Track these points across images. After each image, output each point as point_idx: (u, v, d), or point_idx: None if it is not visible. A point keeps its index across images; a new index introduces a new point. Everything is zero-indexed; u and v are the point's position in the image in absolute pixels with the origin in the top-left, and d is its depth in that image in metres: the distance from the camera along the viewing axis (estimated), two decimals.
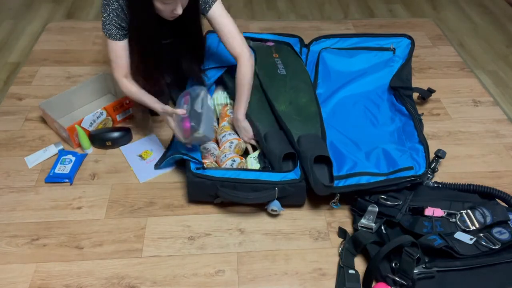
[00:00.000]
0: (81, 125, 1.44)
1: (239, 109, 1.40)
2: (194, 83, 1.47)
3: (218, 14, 1.32)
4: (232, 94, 1.49)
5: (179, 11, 1.18)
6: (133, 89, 1.33)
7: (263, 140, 1.35)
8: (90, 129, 1.48)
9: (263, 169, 1.33)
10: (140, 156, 1.46)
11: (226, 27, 1.33)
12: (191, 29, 1.34)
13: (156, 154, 1.46)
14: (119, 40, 1.27)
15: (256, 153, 1.38)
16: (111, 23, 1.23)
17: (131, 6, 1.21)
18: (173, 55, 1.43)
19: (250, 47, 1.56)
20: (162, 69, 1.42)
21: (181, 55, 1.43)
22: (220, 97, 1.53)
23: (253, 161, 1.36)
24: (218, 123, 1.51)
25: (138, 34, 1.27)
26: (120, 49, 1.28)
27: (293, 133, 1.34)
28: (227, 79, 1.53)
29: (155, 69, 1.38)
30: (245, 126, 1.40)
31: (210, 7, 1.30)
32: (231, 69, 1.51)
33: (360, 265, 1.17)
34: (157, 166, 1.40)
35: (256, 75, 1.49)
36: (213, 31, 1.38)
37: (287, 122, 1.37)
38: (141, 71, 1.35)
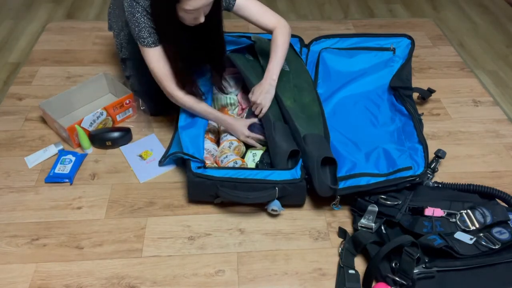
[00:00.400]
0: (81, 125, 1.44)
1: (273, 68, 1.35)
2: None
3: (243, 1, 1.33)
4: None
5: (202, 19, 1.17)
6: (189, 99, 1.33)
7: (272, 130, 1.33)
8: (90, 129, 1.48)
9: (257, 167, 1.33)
10: (140, 156, 1.46)
11: (254, 7, 1.35)
12: (213, 36, 1.31)
13: (156, 154, 1.46)
14: (157, 45, 1.24)
15: (260, 151, 1.38)
16: (145, 29, 1.20)
17: (155, 12, 1.18)
18: (196, 59, 1.42)
19: (253, 40, 1.56)
20: (189, 74, 1.38)
21: (203, 62, 1.44)
22: (220, 97, 1.53)
23: (251, 157, 1.36)
24: None
25: (165, 38, 1.24)
26: (161, 55, 1.25)
27: (299, 131, 1.33)
28: (235, 57, 1.49)
29: (186, 72, 1.34)
30: (272, 92, 1.37)
31: (234, 1, 1.31)
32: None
33: (360, 265, 1.17)
34: (161, 163, 1.40)
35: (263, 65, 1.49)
36: None
37: (295, 119, 1.36)
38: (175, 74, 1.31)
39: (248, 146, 1.42)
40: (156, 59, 1.26)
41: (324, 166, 1.27)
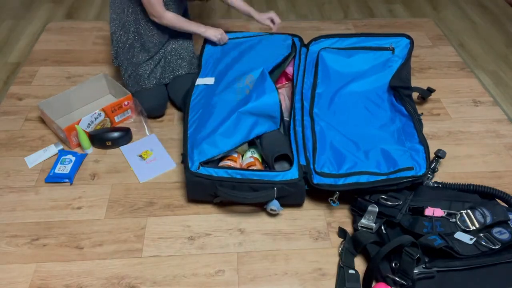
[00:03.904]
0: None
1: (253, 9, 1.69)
2: None
3: None
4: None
5: None
6: (179, 19, 1.51)
7: (256, 138, 1.35)
8: (88, 130, 1.48)
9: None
10: (140, 156, 1.46)
11: None
12: None
13: (156, 154, 1.46)
14: None
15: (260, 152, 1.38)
16: None
17: None
18: None
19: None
20: None
21: None
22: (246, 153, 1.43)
23: (249, 154, 1.36)
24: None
25: None
26: None
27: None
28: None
29: None
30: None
31: None
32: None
33: (360, 265, 1.17)
34: (199, 167, 1.27)
35: None
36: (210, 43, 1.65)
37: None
38: None
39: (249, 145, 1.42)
40: None
41: (282, 161, 1.34)
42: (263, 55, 1.59)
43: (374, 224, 1.19)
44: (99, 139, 1.47)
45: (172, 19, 1.50)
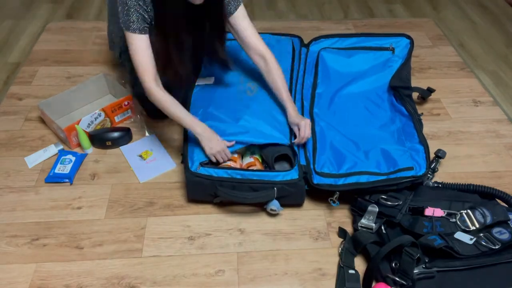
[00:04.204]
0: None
1: (293, 105, 1.35)
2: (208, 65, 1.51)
3: (244, 14, 1.31)
4: None
5: None
6: (168, 99, 1.23)
7: None
8: (88, 130, 1.48)
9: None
10: (140, 156, 1.46)
11: (249, 24, 1.33)
12: (216, 13, 1.27)
13: (156, 154, 1.46)
14: (144, 33, 1.19)
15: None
16: (135, 14, 1.15)
17: None
18: (195, 43, 1.40)
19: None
20: (184, 60, 1.33)
21: (204, 40, 1.40)
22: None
23: (248, 153, 1.36)
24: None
25: (164, 23, 1.19)
26: (145, 45, 1.19)
27: None
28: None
29: (178, 61, 1.28)
30: (306, 121, 1.33)
31: (236, 8, 1.29)
32: None
33: (360, 265, 1.17)
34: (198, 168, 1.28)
35: None
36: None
37: None
38: (161, 63, 1.26)
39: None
40: (140, 49, 1.20)
41: (282, 161, 1.33)
42: None
43: (374, 224, 1.19)
44: (99, 139, 1.47)
45: (161, 100, 1.23)
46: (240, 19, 1.31)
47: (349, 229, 1.26)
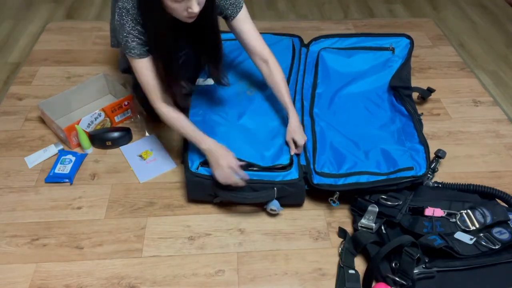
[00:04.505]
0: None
1: (294, 112, 1.33)
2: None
3: (245, 17, 1.29)
4: None
5: (195, 8, 1.04)
6: (173, 116, 1.24)
7: None
8: (88, 130, 1.48)
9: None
10: (140, 156, 1.46)
11: (252, 27, 1.31)
12: (210, 34, 1.25)
13: (156, 154, 1.46)
14: (144, 57, 1.19)
15: None
16: (132, 40, 1.15)
17: (143, 13, 1.12)
18: (191, 62, 1.38)
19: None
20: (180, 78, 1.33)
21: (200, 60, 1.39)
22: None
23: None
24: None
25: (156, 44, 1.18)
26: (147, 67, 1.20)
27: None
28: None
29: (174, 80, 1.26)
30: (304, 139, 1.32)
31: (237, 12, 1.26)
32: None
33: (360, 265, 1.17)
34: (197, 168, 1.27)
35: None
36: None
37: None
38: (160, 83, 1.24)
39: None
40: (144, 71, 1.21)
41: None
42: None
43: (374, 224, 1.19)
44: (99, 139, 1.47)
45: (167, 116, 1.24)
46: (242, 22, 1.30)
47: (349, 229, 1.26)
